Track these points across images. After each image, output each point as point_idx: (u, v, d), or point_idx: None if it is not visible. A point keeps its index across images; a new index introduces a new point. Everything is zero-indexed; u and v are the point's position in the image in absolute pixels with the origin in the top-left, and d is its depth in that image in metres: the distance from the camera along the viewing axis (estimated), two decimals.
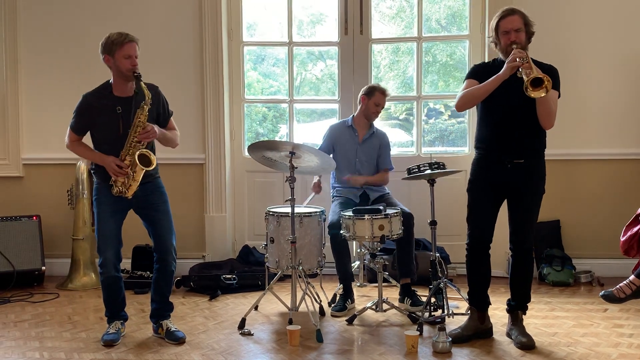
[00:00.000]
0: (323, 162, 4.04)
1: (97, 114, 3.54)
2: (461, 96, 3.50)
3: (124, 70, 3.48)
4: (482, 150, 3.59)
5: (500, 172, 3.50)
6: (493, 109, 3.50)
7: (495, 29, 3.49)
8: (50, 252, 5.15)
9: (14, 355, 3.48)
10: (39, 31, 5.28)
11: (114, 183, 3.54)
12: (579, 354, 3.40)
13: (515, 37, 3.41)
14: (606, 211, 5.02)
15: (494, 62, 3.59)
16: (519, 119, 3.44)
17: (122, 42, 3.47)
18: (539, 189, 3.55)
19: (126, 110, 3.52)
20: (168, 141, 3.74)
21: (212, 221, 5.29)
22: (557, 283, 4.79)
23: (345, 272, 4.26)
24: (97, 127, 3.60)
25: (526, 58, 3.30)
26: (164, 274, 3.71)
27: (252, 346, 3.60)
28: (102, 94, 3.56)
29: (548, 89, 3.20)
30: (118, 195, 3.55)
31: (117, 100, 3.54)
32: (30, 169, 5.35)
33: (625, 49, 4.96)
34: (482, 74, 3.49)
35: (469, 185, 3.64)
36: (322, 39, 5.64)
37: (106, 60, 3.52)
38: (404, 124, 5.80)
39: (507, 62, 3.34)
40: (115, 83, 3.56)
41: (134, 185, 3.54)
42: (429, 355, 3.41)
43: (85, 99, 3.57)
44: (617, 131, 5.01)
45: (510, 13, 3.46)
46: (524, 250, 3.57)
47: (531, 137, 3.48)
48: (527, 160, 3.48)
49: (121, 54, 3.46)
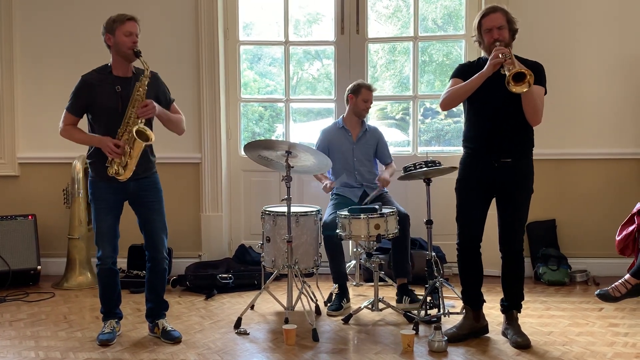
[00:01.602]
0: (319, 161, 4.04)
1: (96, 93, 3.52)
2: (445, 95, 3.50)
3: (124, 49, 3.48)
4: (470, 150, 3.59)
5: (488, 171, 3.49)
6: (479, 107, 3.50)
7: (478, 27, 3.48)
8: (46, 252, 5.13)
9: (9, 354, 3.47)
10: (34, 30, 5.26)
11: (110, 164, 3.49)
12: (574, 353, 3.40)
13: (498, 35, 3.40)
14: (602, 210, 5.03)
15: (479, 60, 3.58)
16: (505, 117, 3.42)
17: (122, 20, 3.50)
18: (528, 188, 3.53)
19: (125, 90, 3.51)
20: (172, 123, 3.69)
21: (208, 220, 5.29)
22: (553, 282, 4.80)
23: (339, 272, 4.26)
24: (96, 107, 3.55)
25: (509, 55, 3.28)
26: (156, 273, 3.70)
27: (248, 345, 3.60)
28: (101, 73, 3.56)
29: (530, 83, 3.18)
30: (113, 176, 3.48)
31: (116, 80, 3.54)
32: (26, 168, 5.34)
33: (621, 49, 4.98)
34: (466, 73, 3.47)
35: (457, 184, 3.65)
36: (318, 38, 5.64)
37: (107, 40, 3.53)
38: (400, 123, 5.80)
39: (490, 59, 3.33)
40: (114, 63, 3.56)
41: (131, 164, 3.48)
42: (424, 354, 3.42)
43: (83, 79, 3.56)
44: (612, 131, 5.02)
45: (492, 11, 3.44)
46: (514, 251, 3.56)
47: (518, 136, 3.47)
48: (515, 159, 3.47)
49: (122, 30, 3.48)
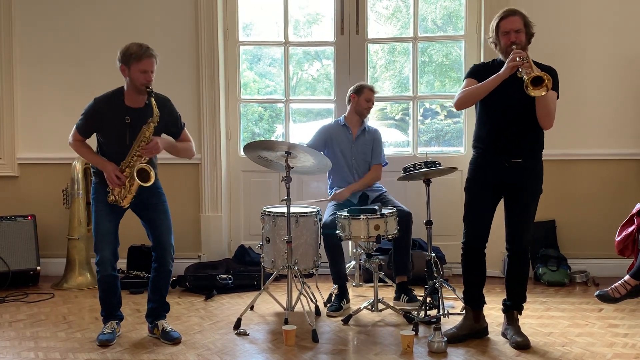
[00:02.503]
0: (319, 162, 4.04)
1: (106, 121, 3.52)
2: (460, 95, 3.52)
3: (137, 84, 3.45)
4: (480, 150, 3.60)
5: (498, 172, 3.51)
6: (492, 108, 3.52)
7: (496, 29, 3.50)
8: (46, 252, 5.13)
9: (8, 355, 3.47)
10: (34, 30, 5.26)
11: (111, 191, 3.54)
12: (574, 353, 3.40)
13: (515, 38, 3.43)
14: (601, 211, 5.03)
15: (493, 62, 3.60)
16: (518, 119, 3.45)
17: (140, 56, 3.42)
18: (537, 189, 3.56)
19: (135, 121, 3.50)
20: (180, 151, 3.74)
21: (207, 221, 5.29)
22: (553, 283, 4.80)
23: (339, 273, 4.26)
24: (104, 134, 3.58)
25: (526, 58, 3.32)
26: (162, 274, 3.70)
27: (248, 346, 3.60)
28: (113, 101, 3.53)
29: (549, 88, 3.22)
30: (113, 203, 3.55)
31: (127, 110, 3.52)
32: (26, 168, 5.34)
33: (620, 49, 4.97)
34: (481, 74, 3.50)
35: (466, 184, 3.65)
36: (318, 38, 5.64)
37: (122, 70, 3.48)
38: (399, 124, 5.80)
39: (508, 61, 3.35)
40: (127, 92, 3.53)
41: (129, 197, 3.54)
42: (424, 355, 3.42)
43: (95, 104, 3.54)
44: (612, 131, 5.02)
45: (511, 14, 3.48)
46: (520, 251, 3.58)
47: (529, 137, 3.49)
48: (525, 160, 3.49)
49: (138, 67, 3.42)
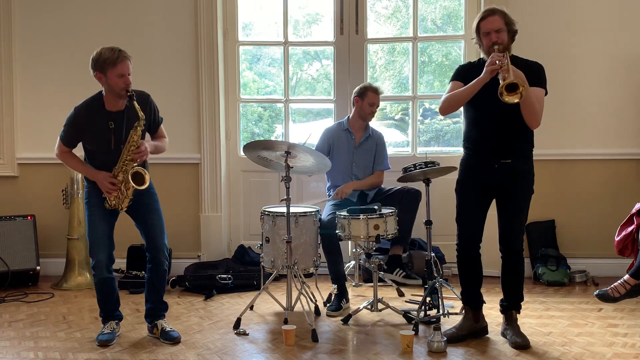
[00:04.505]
0: (318, 161, 4.04)
1: (89, 129, 3.48)
2: (444, 100, 3.50)
3: (117, 90, 3.39)
4: (470, 151, 3.59)
5: (488, 172, 3.49)
6: (479, 109, 3.50)
7: (477, 30, 3.47)
8: (45, 252, 5.13)
9: (8, 355, 3.47)
10: (34, 30, 5.26)
11: (107, 198, 3.52)
12: (573, 353, 3.40)
13: (496, 38, 3.38)
14: (601, 211, 5.03)
15: (479, 61, 3.57)
16: (505, 119, 3.42)
17: (114, 61, 3.34)
18: (528, 189, 3.53)
19: (118, 125, 3.47)
20: (159, 151, 3.74)
21: (207, 221, 5.29)
22: (552, 283, 4.80)
23: (337, 272, 4.26)
24: (88, 141, 3.55)
25: (504, 62, 3.26)
26: (157, 273, 3.70)
27: (248, 346, 3.60)
28: (93, 108, 3.47)
29: (523, 95, 3.17)
30: (112, 209, 3.54)
31: (109, 115, 3.47)
32: (25, 168, 5.34)
33: (620, 49, 4.98)
34: (467, 75, 3.47)
35: (457, 185, 3.65)
36: (317, 38, 5.64)
37: (98, 78, 3.40)
38: (399, 124, 5.80)
39: (487, 65, 3.32)
40: (107, 97, 3.47)
41: (127, 201, 3.53)
42: (424, 354, 3.42)
43: (75, 113, 3.48)
44: (611, 131, 5.02)
45: (490, 14, 3.42)
46: (513, 252, 3.56)
47: (518, 137, 3.47)
48: (515, 160, 3.47)
49: (114, 72, 3.35)
